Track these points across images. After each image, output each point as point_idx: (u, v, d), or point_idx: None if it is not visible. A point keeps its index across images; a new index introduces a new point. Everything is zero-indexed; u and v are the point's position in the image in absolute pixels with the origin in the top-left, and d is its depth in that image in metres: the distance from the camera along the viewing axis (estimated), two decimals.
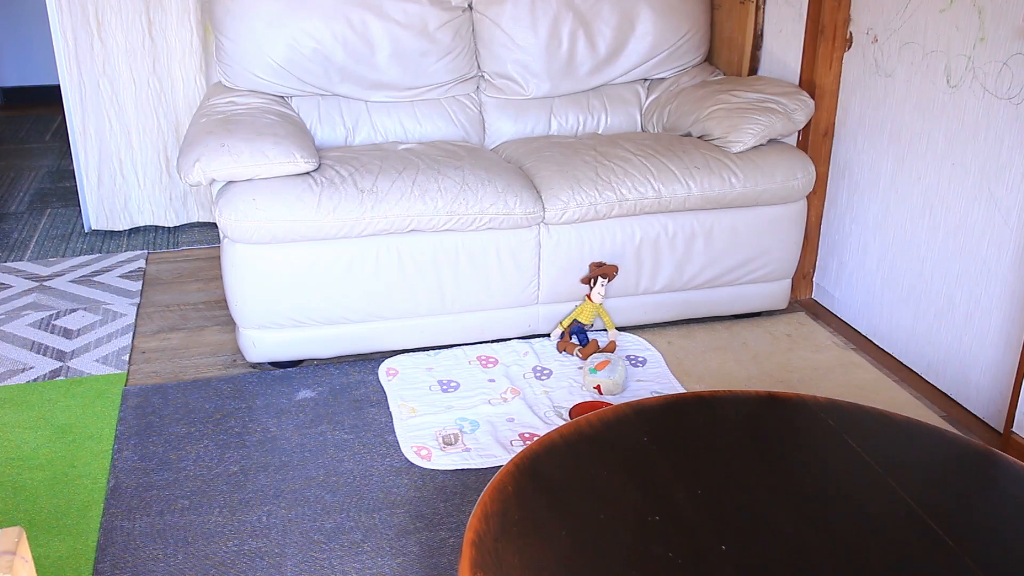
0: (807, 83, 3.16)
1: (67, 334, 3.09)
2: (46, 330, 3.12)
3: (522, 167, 3.01)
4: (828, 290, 3.30)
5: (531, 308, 2.96)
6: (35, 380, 2.81)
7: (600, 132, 3.44)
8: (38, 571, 2.04)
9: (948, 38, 2.60)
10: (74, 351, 2.98)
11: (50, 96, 6.32)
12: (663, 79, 3.51)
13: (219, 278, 3.52)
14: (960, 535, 1.52)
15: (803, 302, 3.37)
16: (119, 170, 3.88)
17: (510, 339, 3.03)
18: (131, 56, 3.75)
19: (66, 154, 5.15)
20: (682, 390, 2.75)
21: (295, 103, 3.19)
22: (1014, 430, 2.42)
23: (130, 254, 3.76)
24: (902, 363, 2.93)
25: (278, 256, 2.67)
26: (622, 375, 2.70)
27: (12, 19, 6.11)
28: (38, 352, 2.97)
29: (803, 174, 3.00)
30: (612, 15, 3.37)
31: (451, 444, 2.48)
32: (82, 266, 3.64)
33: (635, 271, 2.97)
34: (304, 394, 2.73)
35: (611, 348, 2.93)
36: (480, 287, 2.85)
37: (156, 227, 4.04)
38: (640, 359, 2.94)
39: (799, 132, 3.22)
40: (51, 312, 3.25)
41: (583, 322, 2.94)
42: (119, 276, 3.55)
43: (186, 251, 3.81)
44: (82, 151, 3.84)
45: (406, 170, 2.77)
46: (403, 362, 2.89)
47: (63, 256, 3.75)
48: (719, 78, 3.42)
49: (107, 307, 3.28)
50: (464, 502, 2.26)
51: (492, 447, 2.47)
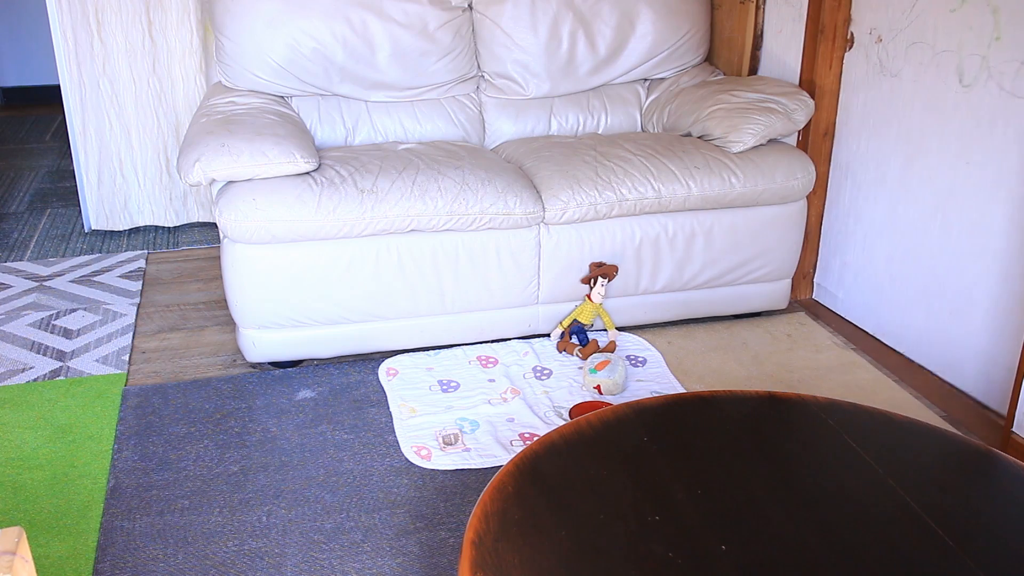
0: (807, 83, 3.16)
1: (67, 334, 3.09)
2: (46, 330, 3.12)
3: (522, 167, 3.01)
4: (830, 290, 3.30)
5: (531, 308, 2.96)
6: (35, 380, 2.81)
7: (600, 132, 3.44)
8: (38, 571, 2.04)
9: (960, 38, 2.61)
10: (74, 351, 2.98)
11: (50, 96, 6.32)
12: (663, 79, 3.51)
13: (219, 278, 3.52)
14: (960, 535, 1.52)
15: (803, 302, 3.37)
16: (119, 170, 3.88)
17: (510, 339, 3.03)
18: (131, 56, 3.75)
19: (66, 154, 5.15)
20: (682, 390, 2.75)
21: (295, 103, 3.19)
22: (1014, 430, 2.42)
23: (130, 254, 3.76)
24: (912, 361, 2.93)
25: (278, 256, 2.67)
26: (622, 375, 2.70)
27: (12, 19, 6.11)
28: (38, 352, 2.97)
29: (803, 174, 3.00)
30: (612, 15, 3.37)
31: (451, 444, 2.48)
32: (82, 266, 3.64)
33: (635, 271, 2.97)
34: (304, 394, 2.73)
35: (611, 348, 2.93)
36: (480, 287, 2.85)
37: (156, 227, 4.04)
38: (640, 359, 2.94)
39: (799, 132, 3.22)
40: (51, 312, 3.25)
41: (583, 322, 2.94)
42: (119, 276, 3.55)
43: (186, 251, 3.81)
44: (82, 151, 3.84)
45: (406, 170, 2.78)
46: (403, 362, 2.89)
47: (63, 256, 3.75)
48: (719, 78, 3.42)
49: (107, 307, 3.28)
50: (464, 502, 2.26)
51: (492, 447, 2.47)
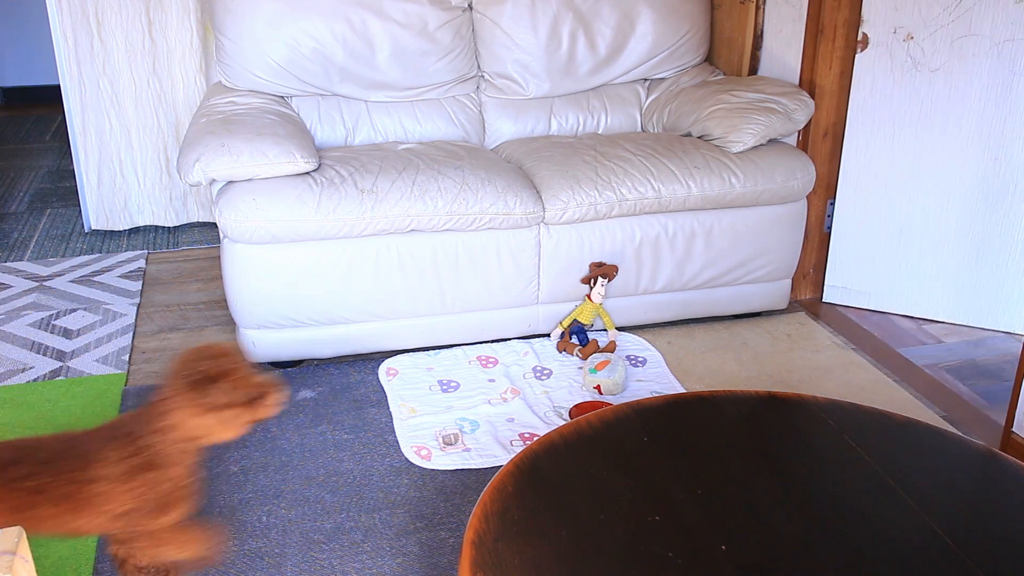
0: (807, 83, 3.16)
1: (67, 334, 3.09)
2: (46, 330, 3.12)
3: (522, 167, 3.01)
4: (850, 288, 3.31)
5: (531, 308, 2.96)
6: (35, 380, 2.81)
7: (600, 132, 3.44)
8: (38, 571, 2.04)
9: None
10: (74, 351, 2.98)
11: (50, 96, 6.32)
12: (663, 79, 3.51)
13: (219, 278, 3.52)
14: (960, 535, 1.52)
15: (803, 302, 3.37)
16: (119, 170, 3.88)
17: (510, 339, 3.03)
18: (131, 56, 3.75)
19: (66, 154, 5.15)
20: (682, 390, 2.75)
21: (295, 103, 3.19)
22: (1014, 430, 2.42)
23: (130, 254, 3.77)
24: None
25: (278, 256, 2.67)
26: (622, 375, 2.70)
27: (12, 19, 6.12)
28: (38, 352, 2.97)
29: (803, 174, 3.00)
30: (612, 15, 3.37)
31: (451, 444, 2.48)
32: (82, 266, 3.64)
33: (635, 271, 2.97)
34: (304, 394, 2.73)
35: (611, 348, 2.93)
36: (480, 287, 2.85)
37: (156, 227, 4.04)
38: (640, 359, 2.94)
39: (799, 132, 3.22)
40: (51, 312, 3.25)
41: (583, 322, 2.94)
42: (119, 276, 3.55)
43: (186, 251, 3.81)
44: (82, 151, 3.84)
45: (406, 170, 2.78)
46: (403, 362, 2.89)
47: (63, 256, 3.75)
48: (719, 78, 3.42)
49: (107, 307, 3.28)
50: (464, 502, 2.26)
51: (492, 447, 2.47)
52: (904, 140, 3.08)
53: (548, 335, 3.07)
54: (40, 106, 6.27)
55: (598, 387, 2.69)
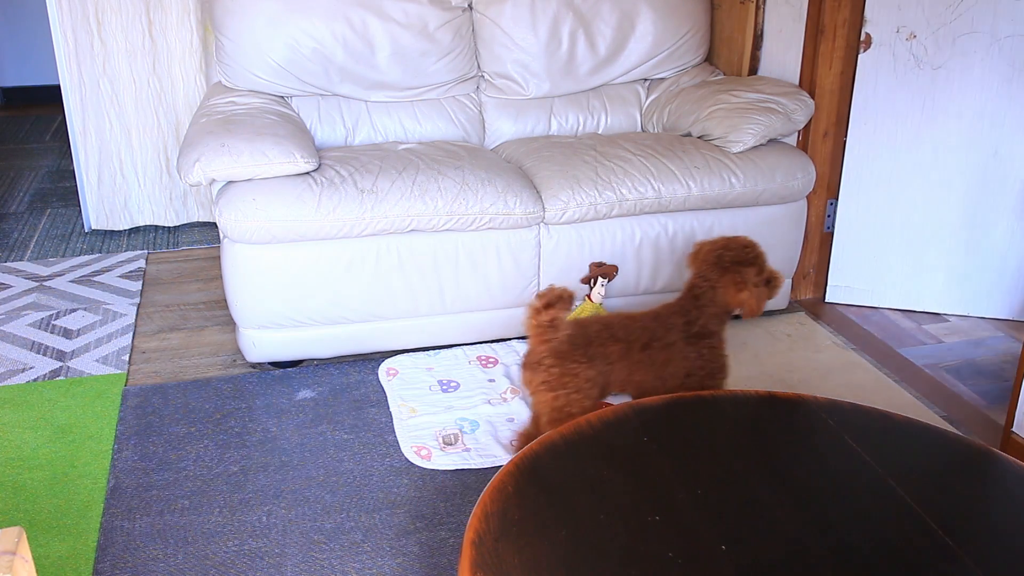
0: (807, 83, 3.16)
1: (67, 334, 3.09)
2: (46, 330, 3.12)
3: (522, 167, 3.01)
4: (853, 287, 3.31)
5: None
6: (35, 380, 2.81)
7: (600, 132, 3.44)
8: (38, 571, 2.04)
9: None
10: (74, 351, 2.98)
11: (50, 96, 6.32)
12: (663, 79, 3.51)
13: (219, 278, 3.52)
14: (960, 535, 1.52)
15: (803, 302, 3.37)
16: (119, 170, 3.88)
17: (510, 339, 3.03)
18: (131, 56, 3.75)
19: (66, 154, 5.15)
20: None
21: (295, 103, 3.19)
22: (1014, 430, 2.42)
23: (130, 254, 3.76)
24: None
25: (278, 256, 2.67)
26: None
27: (12, 19, 6.12)
28: (38, 352, 2.97)
29: (803, 174, 3.00)
30: (612, 15, 3.37)
31: (451, 444, 2.48)
32: (82, 266, 3.64)
33: (635, 271, 2.97)
34: (304, 394, 2.73)
35: None
36: (480, 287, 2.85)
37: (156, 227, 4.04)
38: None
39: (799, 132, 3.22)
40: (51, 312, 3.25)
41: None
42: (119, 276, 3.55)
43: (186, 251, 3.81)
44: (82, 151, 3.84)
45: (406, 170, 2.77)
46: (403, 362, 2.89)
47: (63, 256, 3.75)
48: (719, 78, 3.42)
49: (107, 307, 3.28)
50: (464, 502, 2.26)
51: (492, 447, 2.47)
52: (907, 137, 3.09)
53: None
54: (40, 106, 6.27)
55: None
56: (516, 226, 2.81)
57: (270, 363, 2.87)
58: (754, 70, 3.42)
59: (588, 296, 2.90)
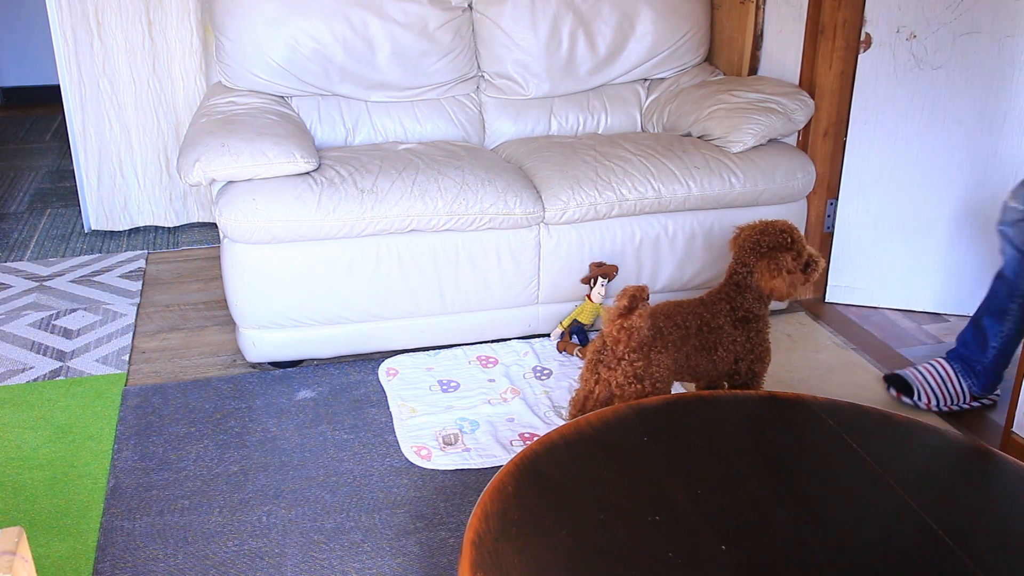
0: (807, 83, 3.16)
1: (67, 334, 3.09)
2: (46, 330, 3.12)
3: (522, 167, 3.01)
4: (852, 287, 3.31)
5: (531, 308, 2.96)
6: (35, 380, 2.81)
7: (600, 132, 3.44)
8: (38, 571, 2.04)
9: None
10: (74, 351, 2.98)
11: (50, 96, 6.31)
12: (663, 79, 3.51)
13: (219, 278, 3.52)
14: (960, 535, 1.52)
15: (803, 302, 3.37)
16: (119, 170, 3.88)
17: (510, 339, 3.03)
18: (131, 56, 3.75)
19: (66, 154, 5.14)
20: (682, 390, 2.75)
21: (295, 103, 3.19)
22: (1014, 430, 2.42)
23: (130, 254, 3.76)
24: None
25: (278, 256, 2.67)
26: None
27: (12, 19, 6.11)
28: (38, 352, 2.97)
29: (803, 174, 3.00)
30: (612, 15, 3.37)
31: (451, 444, 2.48)
32: (82, 266, 3.64)
33: (635, 271, 2.97)
34: (304, 394, 2.73)
35: None
36: (480, 287, 2.85)
37: (156, 227, 4.04)
38: None
39: (799, 132, 3.22)
40: (51, 312, 3.25)
41: (583, 322, 2.94)
42: (119, 276, 3.55)
43: (186, 251, 3.81)
44: (82, 151, 3.84)
45: (406, 170, 2.77)
46: (403, 362, 2.89)
47: (63, 256, 3.75)
48: (719, 78, 3.42)
49: (107, 307, 3.28)
50: (464, 502, 2.26)
51: (492, 447, 2.47)
52: (907, 137, 3.09)
53: (548, 335, 3.07)
54: (40, 106, 6.27)
55: None
56: (516, 226, 2.81)
57: (270, 363, 2.87)
58: (754, 70, 3.42)
59: (588, 296, 2.90)
